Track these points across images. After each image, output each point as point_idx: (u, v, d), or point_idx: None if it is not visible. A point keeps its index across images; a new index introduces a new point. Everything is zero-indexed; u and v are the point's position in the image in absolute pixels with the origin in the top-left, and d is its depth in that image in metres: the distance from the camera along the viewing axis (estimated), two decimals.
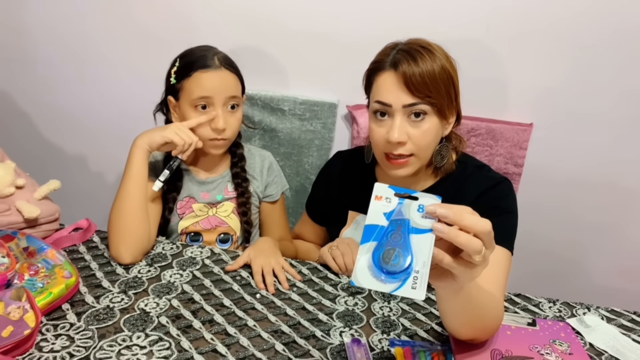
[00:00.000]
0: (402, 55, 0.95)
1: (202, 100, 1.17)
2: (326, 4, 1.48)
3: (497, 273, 0.93)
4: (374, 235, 0.64)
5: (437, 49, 0.97)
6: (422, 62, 0.94)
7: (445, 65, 0.96)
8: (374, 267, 0.63)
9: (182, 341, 0.85)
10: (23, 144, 1.80)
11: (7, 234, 1.00)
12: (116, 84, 1.70)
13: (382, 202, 0.66)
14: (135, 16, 1.60)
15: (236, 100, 1.20)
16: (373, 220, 0.65)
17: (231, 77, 1.20)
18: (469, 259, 0.62)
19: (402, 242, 0.63)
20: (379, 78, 0.99)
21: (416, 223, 0.64)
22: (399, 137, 0.96)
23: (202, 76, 1.16)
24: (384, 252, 0.63)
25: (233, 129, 1.21)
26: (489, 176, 1.07)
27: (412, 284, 0.62)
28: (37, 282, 0.91)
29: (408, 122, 0.97)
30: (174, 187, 1.26)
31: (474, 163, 1.11)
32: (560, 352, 0.88)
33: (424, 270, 0.62)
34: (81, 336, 0.84)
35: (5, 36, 1.69)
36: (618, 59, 1.41)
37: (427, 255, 0.62)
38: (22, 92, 1.77)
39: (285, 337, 0.88)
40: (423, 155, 1.00)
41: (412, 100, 0.95)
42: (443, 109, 0.97)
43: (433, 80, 0.94)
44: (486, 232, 0.62)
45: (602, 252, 1.63)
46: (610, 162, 1.51)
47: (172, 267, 1.07)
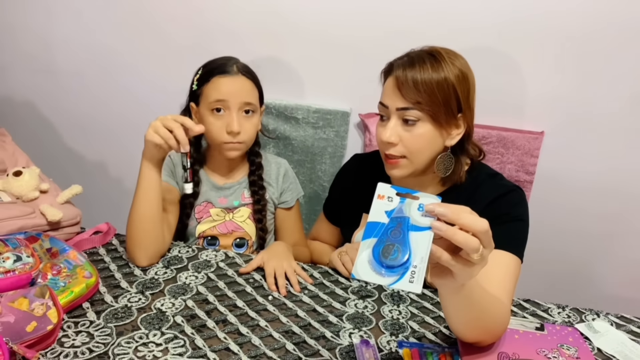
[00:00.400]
0: (404, 61, 0.99)
1: (218, 103, 1.21)
2: (339, 15, 1.52)
3: (504, 278, 0.94)
4: (375, 232, 0.67)
5: (446, 59, 0.98)
6: (420, 70, 0.96)
7: (449, 76, 0.96)
8: (374, 261, 0.66)
9: (196, 339, 0.88)
10: (47, 150, 1.86)
11: (32, 236, 1.05)
12: (137, 94, 1.75)
13: (385, 200, 0.69)
14: (157, 28, 1.66)
15: (251, 106, 1.24)
16: (375, 218, 0.68)
17: (247, 84, 1.24)
18: (467, 257, 0.64)
19: (401, 239, 0.66)
20: (386, 80, 1.03)
21: (416, 221, 0.66)
22: (389, 137, 0.99)
23: (219, 81, 1.22)
24: (384, 247, 0.66)
25: (248, 134, 1.24)
26: (501, 184, 1.08)
27: (409, 278, 0.65)
28: (60, 281, 0.95)
29: (402, 125, 1.00)
30: (192, 193, 1.30)
31: (487, 171, 1.12)
32: (567, 356, 0.88)
33: (421, 266, 0.65)
34: (100, 333, 0.87)
35: (32, 48, 1.76)
36: (629, 66, 1.42)
37: (425, 251, 0.65)
38: (47, 102, 1.84)
39: (296, 337, 0.91)
40: (415, 160, 1.02)
41: (404, 105, 0.98)
42: (438, 118, 0.97)
43: (427, 88, 0.95)
44: (483, 231, 0.64)
45: (613, 260, 1.62)
46: (622, 170, 1.51)
47: (187, 270, 1.11)
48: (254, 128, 1.26)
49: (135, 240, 1.10)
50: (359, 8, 1.50)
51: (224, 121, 1.22)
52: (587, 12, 1.39)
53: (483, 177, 1.09)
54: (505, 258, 0.96)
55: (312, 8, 1.53)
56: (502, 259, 0.96)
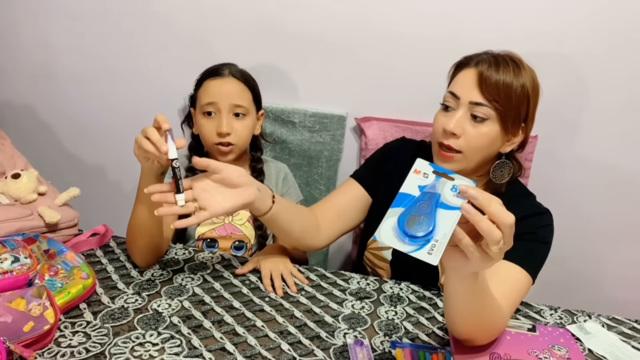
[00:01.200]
0: (489, 58, 1.01)
1: (209, 106, 1.24)
2: (336, 19, 1.53)
3: (511, 289, 0.95)
4: (405, 202, 0.68)
5: (526, 68, 1.01)
6: (503, 71, 0.98)
7: (526, 84, 0.99)
8: (398, 229, 0.66)
9: (192, 339, 0.89)
10: (46, 153, 1.87)
11: (30, 237, 1.06)
12: (135, 98, 1.76)
13: (420, 176, 0.70)
14: (154, 34, 1.67)
15: (241, 109, 1.25)
16: (407, 190, 0.69)
17: (237, 86, 1.26)
18: (486, 248, 0.66)
19: (428, 212, 0.66)
20: (460, 72, 1.04)
21: (446, 199, 0.67)
22: (454, 127, 0.99)
23: (209, 84, 1.26)
24: (410, 217, 0.66)
25: (239, 135, 1.25)
26: (534, 204, 1.09)
27: (429, 249, 0.65)
28: (57, 282, 0.96)
29: (469, 120, 1.00)
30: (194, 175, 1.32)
31: (522, 189, 1.13)
32: (558, 356, 0.90)
33: (443, 241, 0.65)
34: (97, 333, 0.88)
35: (31, 52, 1.78)
36: (623, 70, 1.44)
37: (450, 229, 0.65)
38: (46, 105, 1.85)
39: (291, 337, 0.92)
40: (471, 157, 1.02)
41: (479, 100, 0.98)
42: (506, 121, 0.99)
43: (506, 90, 0.97)
44: (508, 224, 0.65)
45: (607, 262, 1.64)
46: (615, 173, 1.53)
47: (184, 271, 1.12)
48: (246, 130, 1.28)
49: (132, 246, 1.10)
50: (355, 12, 1.51)
51: (214, 123, 1.24)
52: (579, 17, 1.41)
53: (517, 193, 1.10)
54: (518, 273, 0.97)
55: (308, 13, 1.54)
56: (515, 273, 0.97)
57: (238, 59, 1.33)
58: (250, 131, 1.30)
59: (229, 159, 1.28)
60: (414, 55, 1.52)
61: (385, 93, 1.58)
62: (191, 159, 1.33)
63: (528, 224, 1.02)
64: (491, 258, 0.66)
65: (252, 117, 1.29)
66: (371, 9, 1.50)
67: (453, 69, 1.09)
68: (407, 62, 1.52)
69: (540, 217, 1.05)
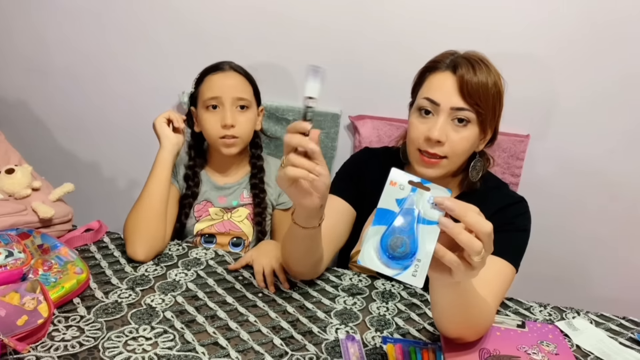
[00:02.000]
0: (462, 61, 1.00)
1: (212, 100, 1.25)
2: (330, 18, 1.54)
3: (495, 283, 0.97)
4: (385, 219, 0.68)
5: (492, 66, 1.02)
6: (480, 73, 0.98)
7: (497, 82, 1.00)
8: (380, 250, 0.67)
9: (185, 334, 0.89)
10: (40, 149, 1.87)
11: (24, 232, 1.06)
12: (129, 95, 1.77)
13: (396, 188, 0.69)
14: (150, 31, 1.67)
15: (245, 101, 1.27)
16: (385, 205, 0.69)
17: (240, 79, 1.28)
18: (468, 258, 0.66)
19: (410, 232, 0.67)
20: (433, 77, 1.02)
21: (425, 213, 0.67)
22: (439, 135, 0.98)
23: (211, 78, 1.27)
24: (392, 239, 0.67)
25: (243, 128, 1.26)
26: (508, 194, 1.11)
27: (413, 271, 0.66)
28: (51, 277, 0.96)
29: (450, 125, 1.00)
30: (191, 193, 1.33)
31: (495, 181, 1.15)
32: (547, 352, 0.91)
33: (425, 260, 0.66)
34: (90, 327, 0.89)
35: (25, 48, 1.77)
36: (614, 69, 1.45)
37: (431, 246, 0.66)
38: (40, 101, 1.85)
39: (284, 332, 0.93)
40: (454, 161, 1.03)
41: (462, 105, 0.98)
42: (485, 122, 1.00)
43: (485, 92, 0.98)
44: (486, 233, 0.65)
45: (597, 261, 1.66)
46: (606, 172, 1.55)
47: (177, 267, 1.12)
48: (249, 123, 1.29)
49: (136, 234, 1.11)
50: (349, 11, 1.52)
51: (218, 116, 1.25)
52: (570, 16, 1.42)
53: (491, 185, 1.12)
54: (501, 265, 0.99)
55: (302, 11, 1.55)
56: (498, 265, 0.99)
57: (233, 57, 1.33)
58: (253, 125, 1.31)
59: (232, 152, 1.28)
60: (407, 54, 1.53)
61: (379, 91, 1.59)
62: (192, 156, 1.34)
63: (505, 215, 1.04)
64: (474, 268, 0.67)
65: (254, 111, 1.30)
66: (365, 7, 1.51)
67: (419, 74, 1.08)
68: (401, 60, 1.53)
69: (517, 206, 1.07)
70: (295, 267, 1.05)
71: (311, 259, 1.02)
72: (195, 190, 1.33)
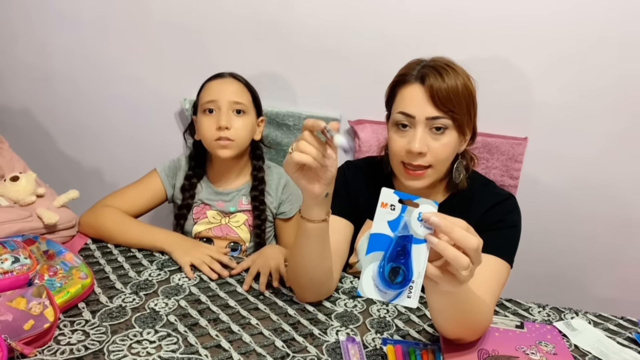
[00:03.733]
0: (429, 70, 0.99)
1: (209, 104, 1.28)
2: (329, 23, 1.56)
3: (491, 282, 0.98)
4: (380, 245, 0.70)
5: (459, 68, 1.02)
6: (448, 78, 0.98)
7: (467, 83, 1.00)
8: (378, 278, 0.69)
9: (189, 337, 0.91)
10: (44, 156, 1.89)
11: (29, 238, 1.08)
12: (132, 102, 1.78)
13: (387, 209, 0.70)
14: (151, 38, 1.69)
15: (241, 106, 1.29)
16: (379, 229, 0.70)
17: (237, 85, 1.32)
18: (455, 272, 0.67)
19: (406, 260, 0.69)
20: (403, 90, 1.02)
21: (415, 232, 0.69)
22: (420, 147, 0.98)
23: (210, 84, 1.32)
24: (391, 270, 0.69)
25: (238, 132, 1.28)
26: (495, 192, 1.11)
27: (407, 293, 0.69)
28: (56, 282, 0.98)
29: (429, 134, 1.00)
30: (186, 205, 1.36)
31: (481, 179, 1.16)
32: (545, 352, 0.92)
33: (418, 281, 0.69)
34: (95, 331, 0.90)
35: (29, 57, 1.80)
36: (611, 71, 1.46)
37: (422, 266, 0.68)
38: (44, 109, 1.87)
39: (285, 334, 0.94)
40: (440, 168, 1.03)
41: (436, 114, 0.98)
42: (463, 125, 1.01)
43: (457, 96, 0.98)
44: (473, 248, 0.66)
45: (596, 262, 1.67)
46: (604, 174, 1.56)
47: (180, 272, 1.14)
48: (245, 128, 1.30)
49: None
50: (347, 16, 1.54)
51: (214, 119, 1.27)
52: (570, 19, 1.44)
53: (478, 185, 1.13)
54: (495, 263, 1.00)
55: (302, 17, 1.57)
56: (492, 263, 1.00)
57: (234, 63, 1.36)
58: (249, 131, 1.32)
59: (226, 155, 1.29)
60: (406, 58, 1.53)
61: (378, 96, 1.59)
62: (191, 165, 1.37)
63: (496, 213, 1.06)
64: (462, 282, 0.69)
65: (251, 117, 1.32)
66: (363, 12, 1.53)
67: (390, 89, 1.08)
68: (399, 65, 1.54)
69: (506, 204, 1.08)
70: (306, 280, 1.02)
71: (322, 267, 1.00)
72: (189, 202, 1.36)
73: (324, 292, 1.06)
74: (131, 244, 1.22)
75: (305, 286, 1.03)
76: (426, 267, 0.68)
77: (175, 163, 1.40)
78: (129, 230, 1.22)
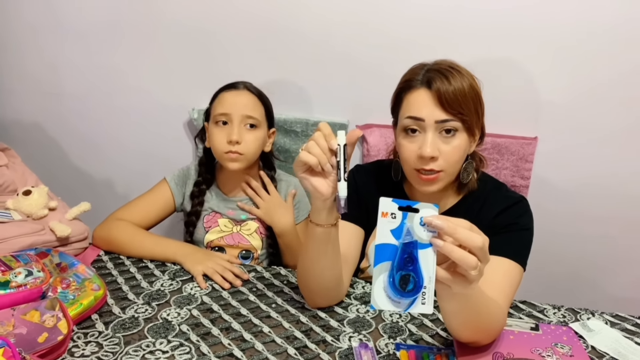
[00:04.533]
0: (434, 74, 0.99)
1: (222, 116, 1.28)
2: (336, 28, 1.56)
3: (504, 284, 0.96)
4: (385, 255, 0.70)
5: (463, 69, 1.01)
6: (454, 80, 0.97)
7: (473, 84, 1.00)
8: (389, 288, 0.69)
9: (201, 346, 0.91)
10: (55, 170, 1.90)
11: (42, 251, 1.09)
12: (142, 113, 1.80)
13: (388, 218, 0.70)
14: (158, 50, 1.71)
15: (254, 120, 1.29)
16: (383, 240, 0.70)
17: (251, 98, 1.31)
18: (464, 272, 0.67)
19: (414, 266, 0.68)
20: (410, 95, 1.02)
21: (419, 237, 0.69)
22: (432, 151, 0.98)
23: (223, 95, 1.31)
24: (401, 278, 0.69)
25: (249, 146, 1.28)
26: (507, 195, 1.10)
27: (421, 300, 0.69)
28: (69, 294, 0.99)
29: (439, 137, 0.99)
30: (195, 212, 1.37)
31: (493, 182, 1.15)
32: (561, 354, 0.91)
33: (430, 286, 0.69)
34: (109, 343, 0.91)
35: (38, 71, 1.82)
36: (621, 70, 1.45)
37: (432, 270, 0.68)
38: (54, 122, 1.89)
39: (298, 342, 0.94)
40: (452, 171, 1.03)
41: (445, 117, 0.97)
42: (472, 126, 1.00)
43: (464, 98, 0.97)
44: (478, 247, 0.66)
45: (609, 261, 1.64)
46: (616, 172, 1.54)
47: (192, 281, 1.14)
48: (256, 142, 1.30)
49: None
50: (355, 21, 1.54)
51: (226, 132, 1.27)
52: (579, 18, 1.43)
53: (490, 187, 1.12)
54: (508, 265, 0.99)
55: (309, 22, 1.57)
56: (505, 266, 0.99)
57: (241, 71, 1.37)
58: (260, 144, 1.33)
59: (235, 167, 1.30)
60: (412, 61, 1.53)
61: (386, 99, 1.59)
62: (201, 171, 1.38)
63: (508, 216, 1.05)
64: (471, 281, 0.68)
65: (263, 131, 1.32)
66: (371, 16, 1.53)
67: (395, 95, 1.07)
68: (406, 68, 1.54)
69: (518, 206, 1.07)
70: (315, 285, 1.02)
71: (331, 272, 1.00)
72: (198, 209, 1.36)
73: (334, 297, 1.06)
74: (144, 256, 1.23)
75: (315, 291, 1.03)
76: (436, 271, 0.68)
77: (185, 171, 1.41)
78: (142, 243, 1.23)
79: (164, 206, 1.37)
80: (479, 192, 1.10)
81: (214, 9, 1.62)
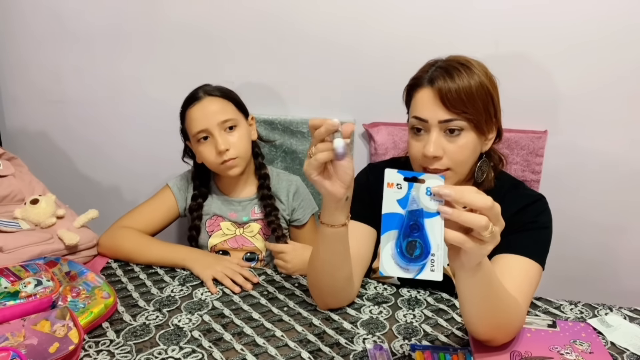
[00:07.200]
0: (439, 71, 0.98)
1: (200, 133, 1.27)
2: (342, 27, 1.55)
3: (523, 284, 0.95)
4: (392, 224, 0.70)
5: (475, 65, 0.99)
6: (459, 78, 0.96)
7: (483, 81, 0.98)
8: (397, 256, 0.69)
9: (213, 352, 0.90)
10: (62, 178, 1.91)
11: (51, 260, 1.09)
12: (147, 120, 1.79)
13: (394, 189, 0.71)
14: (162, 55, 1.70)
15: (231, 122, 1.28)
16: (389, 209, 0.70)
17: (218, 102, 1.28)
18: (478, 235, 0.67)
19: (420, 233, 0.69)
20: (417, 94, 1.01)
21: (426, 207, 0.69)
22: (434, 151, 0.97)
23: (191, 112, 1.28)
24: (407, 245, 0.69)
25: (237, 148, 1.27)
26: (526, 194, 1.09)
27: (430, 267, 0.69)
28: (79, 302, 0.98)
29: (444, 137, 0.98)
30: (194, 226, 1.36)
31: (510, 180, 1.13)
32: (580, 351, 0.89)
33: (439, 253, 0.69)
34: (120, 351, 0.90)
35: (43, 80, 1.82)
36: (630, 63, 1.43)
37: (440, 237, 0.68)
38: (60, 130, 1.89)
39: (311, 345, 0.93)
40: (460, 170, 1.02)
41: (448, 117, 0.96)
42: (480, 125, 0.98)
43: (469, 96, 0.96)
44: (487, 207, 0.66)
45: (625, 254, 1.62)
46: (627, 163, 1.51)
47: (202, 286, 1.13)
48: (243, 140, 1.29)
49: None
50: (360, 19, 1.53)
51: (212, 145, 1.26)
52: (587, 12, 1.41)
53: (508, 185, 1.10)
54: (526, 264, 0.97)
55: (313, 21, 1.56)
56: (523, 264, 0.97)
57: (245, 73, 1.35)
58: (247, 139, 1.31)
59: (236, 173, 1.29)
60: (418, 59, 1.52)
61: (392, 97, 1.58)
62: (195, 185, 1.36)
63: (527, 214, 1.03)
64: (486, 242, 0.68)
65: (243, 126, 1.31)
66: (377, 14, 1.52)
67: (406, 92, 1.06)
68: (412, 66, 1.53)
69: (537, 205, 1.06)
70: (325, 285, 1.01)
71: (341, 272, 0.99)
72: (197, 223, 1.36)
73: (344, 297, 1.05)
74: (152, 262, 1.22)
75: (326, 291, 1.03)
76: (446, 234, 0.67)
77: (187, 175, 1.40)
78: (148, 250, 1.22)
79: (167, 212, 1.36)
80: (495, 191, 1.08)
81: (218, 13, 1.61)
